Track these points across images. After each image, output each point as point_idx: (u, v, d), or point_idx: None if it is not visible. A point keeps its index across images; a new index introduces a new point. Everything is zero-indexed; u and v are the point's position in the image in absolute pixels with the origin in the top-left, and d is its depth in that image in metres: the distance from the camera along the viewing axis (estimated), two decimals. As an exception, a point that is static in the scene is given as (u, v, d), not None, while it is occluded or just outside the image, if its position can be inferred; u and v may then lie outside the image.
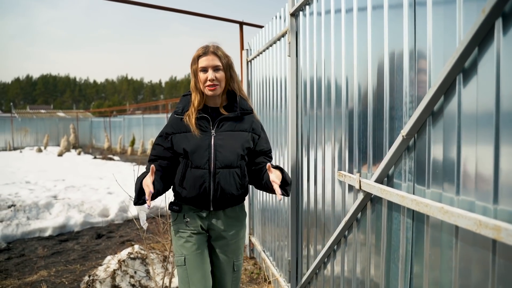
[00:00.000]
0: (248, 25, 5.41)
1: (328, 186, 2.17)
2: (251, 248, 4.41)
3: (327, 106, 2.15)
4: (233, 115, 2.00)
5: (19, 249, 5.21)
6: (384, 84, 1.54)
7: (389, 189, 1.37)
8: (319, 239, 2.34)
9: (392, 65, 1.50)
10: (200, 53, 1.95)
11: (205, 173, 1.91)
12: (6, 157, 18.40)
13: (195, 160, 1.92)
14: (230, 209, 2.03)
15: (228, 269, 2.05)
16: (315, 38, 2.30)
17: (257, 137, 2.07)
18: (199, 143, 1.93)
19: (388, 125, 1.51)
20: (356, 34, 1.79)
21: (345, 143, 1.92)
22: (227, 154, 1.93)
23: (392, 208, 1.49)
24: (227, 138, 1.96)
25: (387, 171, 1.48)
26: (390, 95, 1.50)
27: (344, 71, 1.93)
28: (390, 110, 1.51)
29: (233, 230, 2.04)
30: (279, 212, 3.30)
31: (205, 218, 2.00)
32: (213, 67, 1.92)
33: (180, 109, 2.03)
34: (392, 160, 1.42)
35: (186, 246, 1.99)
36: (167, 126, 2.05)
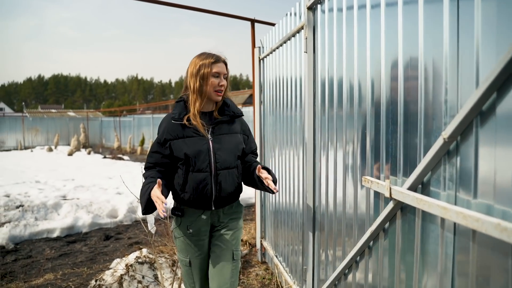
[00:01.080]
0: (260, 23, 5.28)
1: (350, 191, 2.01)
2: (262, 252, 4.26)
3: (349, 105, 1.99)
4: (226, 119, 2.14)
5: (26, 250, 5.14)
6: (418, 80, 1.38)
7: (427, 199, 1.21)
8: (338, 246, 2.19)
9: (428, 59, 1.34)
10: (213, 60, 2.06)
11: (207, 175, 2.03)
12: (17, 156, 18.53)
13: (197, 164, 2.02)
14: (228, 207, 2.17)
15: (228, 258, 2.14)
16: (335, 33, 2.15)
17: (247, 137, 2.25)
18: (199, 147, 2.03)
19: (423, 126, 1.35)
20: (383, 29, 1.63)
21: (370, 145, 1.76)
22: (226, 156, 2.07)
23: (427, 219, 1.33)
24: (223, 141, 2.09)
25: (422, 177, 1.32)
26: (425, 93, 1.34)
27: (369, 68, 1.77)
28: (425, 109, 1.34)
29: (232, 223, 2.19)
30: (293, 215, 3.15)
31: (208, 218, 2.12)
32: (223, 74, 2.09)
33: (177, 115, 2.08)
34: (429, 166, 1.26)
35: (191, 251, 2.15)
36: (163, 133, 2.09)
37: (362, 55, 1.84)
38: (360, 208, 1.89)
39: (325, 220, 2.37)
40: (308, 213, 2.57)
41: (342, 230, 2.12)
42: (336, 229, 2.20)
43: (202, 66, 2.04)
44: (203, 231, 2.13)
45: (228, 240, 2.16)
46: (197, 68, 2.05)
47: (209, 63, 2.05)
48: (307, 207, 2.57)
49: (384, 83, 1.63)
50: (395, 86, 1.55)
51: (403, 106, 1.49)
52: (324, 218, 2.38)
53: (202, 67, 2.04)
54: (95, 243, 5.47)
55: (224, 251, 2.14)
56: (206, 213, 2.11)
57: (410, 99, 1.44)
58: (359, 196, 1.90)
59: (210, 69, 2.04)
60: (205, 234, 2.15)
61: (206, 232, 2.15)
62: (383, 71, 1.64)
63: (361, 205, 1.88)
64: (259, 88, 4.12)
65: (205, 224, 2.13)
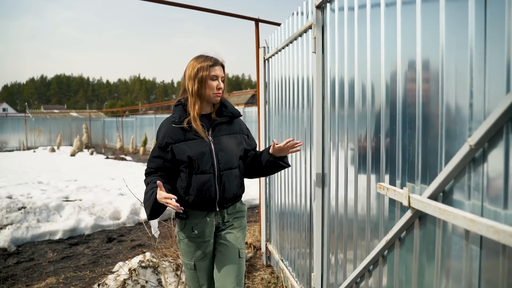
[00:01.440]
0: (264, 22, 5.20)
1: (361, 194, 1.94)
2: (267, 256, 4.19)
3: (361, 106, 1.92)
4: (225, 120, 2.17)
5: (28, 253, 5.09)
6: (439, 82, 1.30)
7: (452, 209, 1.13)
8: (349, 249, 2.11)
9: (450, 59, 1.26)
10: (211, 63, 2.08)
11: (211, 177, 2.05)
12: (20, 156, 18.52)
13: (200, 166, 2.04)
14: (232, 207, 2.20)
15: (235, 257, 2.16)
16: (346, 32, 2.07)
17: (247, 137, 2.28)
18: (201, 149, 2.04)
19: (445, 130, 1.27)
20: (400, 27, 1.56)
21: (385, 149, 1.68)
22: (228, 156, 2.09)
23: (450, 230, 1.25)
24: (224, 142, 2.11)
25: (444, 186, 1.24)
26: (447, 95, 1.27)
27: (384, 69, 1.69)
28: (447, 113, 1.27)
29: (236, 222, 2.22)
30: (300, 217, 3.07)
31: (212, 220, 2.13)
32: (221, 77, 2.12)
33: (177, 118, 2.09)
34: (452, 174, 1.18)
35: (196, 254, 2.14)
36: (164, 137, 2.09)
37: (376, 55, 1.76)
38: (373, 212, 1.81)
39: (335, 222, 2.30)
40: (317, 216, 2.49)
41: (353, 234, 2.04)
42: (347, 232, 2.13)
43: (200, 69, 2.07)
44: (208, 232, 2.14)
45: (233, 238, 2.18)
46: (195, 71, 2.07)
47: (207, 66, 2.07)
48: (316, 209, 2.49)
49: (400, 84, 1.55)
50: (412, 88, 1.46)
51: (421, 109, 1.41)
52: (334, 220, 2.31)
53: (200, 70, 2.07)
54: (97, 245, 5.42)
55: (229, 249, 2.16)
56: (210, 214, 2.13)
57: (430, 101, 1.36)
58: (371, 200, 1.83)
59: (208, 72, 2.07)
60: (209, 236, 2.15)
61: (211, 233, 2.16)
62: (399, 71, 1.56)
63: (373, 210, 1.81)
64: (264, 89, 4.04)
65: (210, 226, 2.14)
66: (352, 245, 2.06)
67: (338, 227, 2.25)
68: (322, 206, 2.47)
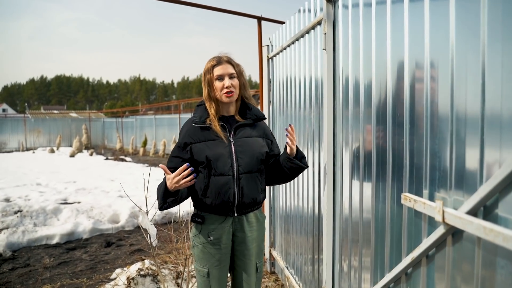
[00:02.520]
0: (267, 20, 5.07)
1: (379, 205, 1.78)
2: (271, 262, 4.03)
3: (380, 106, 1.75)
4: (249, 122, 2.10)
5: (24, 258, 4.93)
6: (481, 79, 1.14)
7: (501, 229, 0.95)
8: (365, 258, 1.95)
9: (491, 52, 1.10)
10: (214, 63, 2.03)
11: (229, 179, 1.97)
12: (19, 157, 18.39)
13: (218, 167, 1.97)
14: (252, 214, 2.10)
15: (252, 271, 2.10)
16: (361, 28, 1.90)
17: (270, 142, 2.18)
18: (220, 150, 1.98)
19: (486, 136, 1.11)
20: (428, 22, 1.40)
21: (410, 155, 1.51)
22: (248, 159, 2.01)
23: (494, 251, 1.09)
24: (245, 144, 2.03)
25: (487, 200, 1.08)
26: (487, 91, 1.11)
27: (407, 68, 1.52)
28: (489, 114, 1.11)
29: (255, 233, 2.11)
30: (307, 221, 2.91)
31: (230, 226, 2.05)
32: (228, 74, 2.01)
33: (198, 118, 2.06)
34: (498, 187, 1.02)
35: (210, 260, 2.05)
36: (184, 137, 2.07)
37: (398, 53, 1.59)
38: (393, 224, 1.66)
39: (348, 227, 2.14)
40: (328, 219, 2.33)
41: (370, 240, 1.88)
42: (363, 238, 1.96)
43: (206, 73, 2.05)
44: (225, 239, 2.05)
45: (252, 252, 2.10)
46: (203, 75, 2.06)
47: (211, 67, 2.04)
48: (327, 213, 2.33)
49: (426, 81, 1.39)
50: (445, 86, 1.30)
51: (455, 109, 1.25)
52: (348, 225, 2.14)
53: (206, 73, 2.05)
54: (95, 250, 5.27)
55: (247, 264, 2.10)
56: (228, 220, 2.05)
57: (467, 101, 1.20)
58: (392, 210, 1.66)
59: (212, 74, 2.03)
60: (226, 243, 2.06)
61: (228, 240, 2.07)
62: (427, 66, 1.39)
63: (394, 221, 1.65)
64: (267, 88, 3.89)
65: (227, 232, 2.06)
66: (369, 252, 1.89)
67: (352, 232, 2.09)
68: (333, 209, 2.31)
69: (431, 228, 1.36)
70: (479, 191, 1.09)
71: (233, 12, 5.05)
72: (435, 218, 1.24)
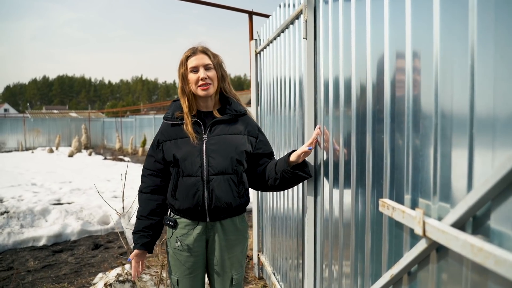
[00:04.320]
0: (258, 15, 4.91)
1: (358, 209, 1.59)
2: (260, 267, 3.84)
3: (359, 104, 1.57)
4: (226, 117, 1.90)
5: (8, 261, 4.77)
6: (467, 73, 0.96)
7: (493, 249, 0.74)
8: (345, 262, 1.76)
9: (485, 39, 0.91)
10: (188, 54, 1.88)
11: (198, 181, 1.81)
12: (18, 157, 18.26)
13: (186, 167, 1.82)
14: (229, 221, 1.90)
15: (226, 283, 1.93)
16: (341, 14, 1.72)
17: (254, 139, 1.96)
18: (190, 149, 1.83)
19: (476, 133, 0.91)
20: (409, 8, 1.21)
21: (391, 155, 1.32)
22: (220, 159, 1.82)
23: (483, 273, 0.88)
24: (219, 142, 1.85)
25: (476, 209, 0.88)
26: (477, 83, 0.92)
27: (388, 59, 1.33)
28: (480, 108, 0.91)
29: (231, 243, 1.91)
30: (292, 222, 2.71)
31: (202, 232, 1.87)
32: (204, 65, 1.85)
33: (170, 115, 1.94)
34: (489, 193, 0.82)
35: (181, 268, 1.90)
36: (158, 134, 1.97)
37: (378, 44, 1.40)
38: (373, 231, 1.47)
39: (328, 227, 1.95)
40: (309, 227, 2.14)
41: (350, 243, 1.68)
42: (343, 240, 1.77)
43: (180, 66, 1.90)
44: (196, 246, 1.88)
45: (226, 264, 1.91)
46: (178, 68, 1.92)
47: (184, 59, 1.89)
48: (308, 218, 2.14)
49: (409, 77, 1.19)
50: (429, 80, 1.11)
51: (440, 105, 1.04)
52: (328, 225, 1.95)
53: (180, 67, 1.90)
54: (82, 252, 5.10)
55: (221, 275, 1.92)
56: (200, 225, 1.87)
57: (451, 96, 1.01)
58: (372, 218, 1.47)
59: (186, 66, 1.87)
60: (198, 250, 1.89)
61: (200, 248, 1.89)
62: (408, 62, 1.20)
63: (374, 228, 1.46)
64: (255, 86, 3.70)
65: (199, 239, 1.88)
66: (349, 264, 1.70)
67: (333, 237, 1.90)
68: (314, 213, 2.12)
69: (413, 241, 1.16)
70: (467, 199, 0.88)
71: (223, 6, 4.88)
72: (415, 230, 1.04)
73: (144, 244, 1.93)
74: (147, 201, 1.96)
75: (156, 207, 1.95)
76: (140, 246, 1.92)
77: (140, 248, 1.93)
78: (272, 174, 1.91)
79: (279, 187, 1.93)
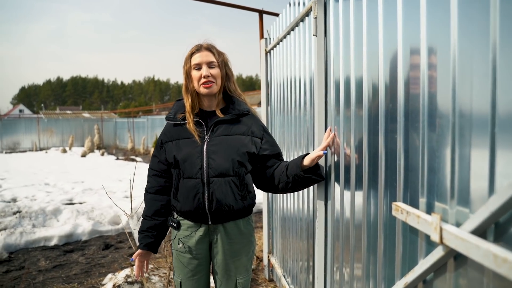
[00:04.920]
0: (269, 14, 4.88)
1: (371, 211, 1.53)
2: (270, 269, 3.79)
3: (371, 101, 1.50)
4: (229, 117, 1.85)
5: (20, 260, 4.80)
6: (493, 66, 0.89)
7: None
8: (356, 264, 1.70)
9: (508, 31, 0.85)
10: (192, 50, 1.84)
11: (198, 183, 1.77)
12: (32, 157, 18.51)
13: (186, 169, 1.79)
14: (233, 223, 1.84)
15: (231, 287, 1.89)
16: (352, 10, 1.66)
17: (259, 140, 1.88)
18: (190, 150, 1.79)
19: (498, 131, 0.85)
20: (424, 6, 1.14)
21: (404, 155, 1.25)
22: (221, 161, 1.77)
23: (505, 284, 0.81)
24: (221, 143, 1.80)
25: (499, 215, 0.81)
26: (500, 78, 0.85)
27: (402, 57, 1.27)
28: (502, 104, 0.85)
29: (235, 246, 1.86)
30: (302, 223, 2.65)
31: (205, 235, 1.84)
32: (207, 63, 1.80)
33: (172, 115, 1.90)
34: None
35: (184, 270, 1.88)
36: (161, 134, 1.94)
37: (390, 39, 1.34)
38: (386, 236, 1.40)
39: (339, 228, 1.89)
40: (319, 221, 2.08)
41: (361, 255, 1.62)
42: (355, 250, 1.71)
43: (185, 63, 1.86)
44: (198, 249, 1.85)
45: (230, 268, 1.86)
46: (183, 65, 1.88)
47: (188, 56, 1.85)
48: (318, 219, 2.08)
49: (425, 72, 1.13)
50: (447, 77, 1.05)
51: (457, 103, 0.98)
52: (339, 225, 1.89)
53: (185, 63, 1.86)
54: (93, 252, 5.11)
55: (225, 279, 1.87)
56: (203, 228, 1.84)
57: (470, 92, 0.94)
58: (385, 222, 1.41)
59: (190, 63, 1.84)
60: (200, 253, 1.86)
61: (203, 250, 1.86)
62: (423, 58, 1.13)
63: (388, 235, 1.39)
64: (265, 85, 3.64)
65: (201, 242, 1.85)
66: (361, 266, 1.64)
67: (345, 240, 1.84)
68: (325, 213, 2.06)
69: (429, 247, 1.09)
70: (489, 204, 0.81)
71: (233, 5, 4.85)
72: (431, 237, 0.97)
73: (148, 244, 1.91)
74: (151, 201, 1.95)
75: (161, 207, 1.94)
76: (143, 246, 1.91)
77: (143, 248, 1.92)
78: (283, 177, 1.84)
79: (291, 190, 1.89)
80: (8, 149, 23.17)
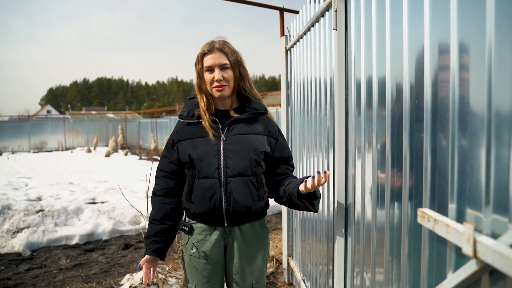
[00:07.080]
0: (290, 12, 4.76)
1: (394, 218, 1.42)
2: (290, 272, 3.69)
3: (395, 99, 1.40)
4: (245, 116, 1.78)
5: (41, 258, 4.87)
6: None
7: None
8: (378, 269, 1.59)
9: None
10: (205, 50, 1.76)
11: (215, 183, 1.69)
12: (57, 157, 18.96)
13: (202, 169, 1.71)
14: (248, 225, 1.78)
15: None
16: (374, 2, 1.55)
17: (274, 141, 1.83)
18: (207, 149, 1.72)
19: None
20: None
21: (432, 157, 1.14)
22: (239, 160, 1.70)
23: None
24: (238, 142, 1.73)
25: None
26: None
27: (429, 53, 1.16)
28: None
29: (252, 249, 1.80)
30: (321, 227, 2.55)
31: (220, 238, 1.77)
32: (219, 65, 1.72)
33: (186, 113, 1.83)
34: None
35: (198, 277, 1.81)
36: (173, 133, 1.86)
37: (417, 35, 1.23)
38: (411, 246, 1.29)
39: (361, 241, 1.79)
40: (339, 224, 1.98)
41: (384, 252, 1.52)
42: (376, 248, 1.61)
43: (196, 62, 1.79)
44: (214, 253, 1.78)
45: (246, 272, 1.80)
46: (194, 64, 1.81)
47: (200, 56, 1.77)
48: (338, 223, 1.98)
49: (455, 70, 1.02)
50: (481, 71, 0.94)
51: (493, 99, 0.86)
52: (360, 230, 1.79)
53: (196, 63, 1.79)
54: (113, 252, 5.13)
55: (241, 284, 1.82)
56: (218, 231, 1.76)
57: (504, 87, 0.83)
58: (410, 229, 1.30)
59: (202, 64, 1.76)
60: (215, 257, 1.79)
61: (218, 255, 1.79)
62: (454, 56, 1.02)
63: (412, 244, 1.29)
64: (285, 85, 3.55)
65: (216, 246, 1.78)
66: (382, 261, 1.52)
67: (365, 245, 1.73)
68: (345, 217, 1.96)
69: (459, 260, 0.98)
70: None
71: (254, 3, 4.78)
72: (463, 249, 0.86)
73: (156, 250, 1.82)
74: (160, 205, 1.86)
75: (170, 211, 1.85)
76: (151, 251, 1.81)
77: (151, 254, 1.82)
78: (282, 192, 1.79)
79: (284, 204, 1.84)
80: (35, 149, 23.82)
